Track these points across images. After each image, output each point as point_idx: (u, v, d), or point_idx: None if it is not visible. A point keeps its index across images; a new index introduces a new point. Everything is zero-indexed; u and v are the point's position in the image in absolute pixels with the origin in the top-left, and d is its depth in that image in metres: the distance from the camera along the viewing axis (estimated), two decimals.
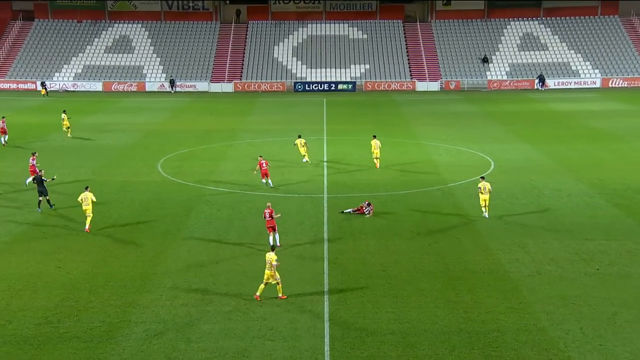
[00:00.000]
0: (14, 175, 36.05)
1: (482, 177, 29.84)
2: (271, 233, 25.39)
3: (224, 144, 45.72)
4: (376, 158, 38.17)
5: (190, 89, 77.32)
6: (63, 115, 50.41)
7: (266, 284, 21.10)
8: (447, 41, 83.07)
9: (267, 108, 64.62)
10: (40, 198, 29.82)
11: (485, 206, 28.86)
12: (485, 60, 79.89)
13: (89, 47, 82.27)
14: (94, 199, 27.55)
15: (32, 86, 75.84)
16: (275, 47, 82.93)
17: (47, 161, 39.17)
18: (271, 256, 21.11)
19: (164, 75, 79.46)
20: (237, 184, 34.57)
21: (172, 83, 76.84)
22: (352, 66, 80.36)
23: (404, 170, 37.75)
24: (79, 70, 79.32)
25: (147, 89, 77.08)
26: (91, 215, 27.31)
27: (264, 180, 33.66)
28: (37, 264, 23.60)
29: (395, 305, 20.77)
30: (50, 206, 30.06)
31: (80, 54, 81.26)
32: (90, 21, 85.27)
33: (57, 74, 78.62)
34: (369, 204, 29.47)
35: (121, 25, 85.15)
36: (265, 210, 25.56)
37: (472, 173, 36.39)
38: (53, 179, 31.78)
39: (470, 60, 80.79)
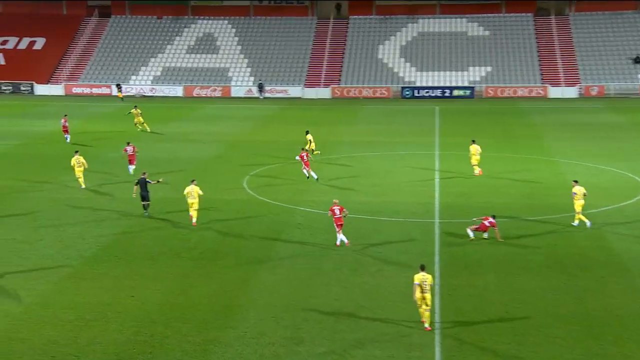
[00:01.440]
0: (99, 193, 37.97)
1: (576, 181, 30.29)
2: (339, 231, 28.21)
3: (319, 158, 46.26)
4: (475, 165, 39.08)
5: (281, 95, 78.94)
6: (134, 110, 53.90)
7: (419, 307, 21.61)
8: (589, 38, 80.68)
9: (369, 117, 64.89)
10: (143, 202, 32.88)
11: (579, 212, 29.22)
12: (637, 60, 76.88)
13: (169, 46, 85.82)
14: (201, 192, 31.67)
15: (107, 90, 79.87)
16: (380, 47, 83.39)
17: (123, 174, 41.06)
18: (425, 276, 21.59)
19: (251, 78, 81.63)
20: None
21: (261, 88, 78.73)
22: (471, 69, 79.50)
23: (533, 193, 36.91)
24: (158, 73, 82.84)
25: (232, 94, 79.37)
26: (197, 209, 31.29)
27: (305, 171, 38.71)
28: (109, 292, 24.65)
29: (521, 356, 20.21)
30: (146, 210, 32.95)
31: (160, 55, 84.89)
32: (171, 17, 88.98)
33: (133, 77, 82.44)
34: (493, 217, 29.18)
35: (205, 22, 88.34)
36: (334, 207, 28.48)
37: (617, 197, 35.06)
38: (159, 182, 33.93)
39: (617, 60, 77.99)
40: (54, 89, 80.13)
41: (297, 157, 40.07)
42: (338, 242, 28.87)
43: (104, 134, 55.26)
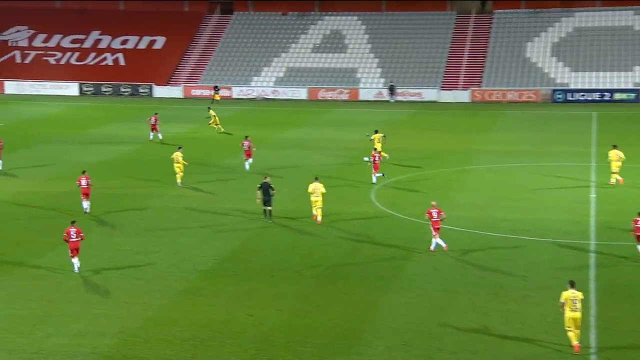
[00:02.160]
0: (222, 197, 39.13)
1: None
2: (437, 235, 29.77)
3: (456, 169, 45.66)
4: (614, 172, 39.18)
5: (415, 98, 78.59)
6: (210, 112, 58.40)
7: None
8: None
9: (515, 124, 63.52)
10: (265, 208, 34.20)
11: None
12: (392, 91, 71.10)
13: (293, 45, 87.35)
14: (324, 190, 33.91)
15: (227, 93, 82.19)
16: (529, 44, 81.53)
17: (236, 184, 42.06)
18: (574, 294, 21.34)
19: (382, 80, 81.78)
20: (471, 221, 34.30)
21: (392, 90, 78.70)
22: (637, 68, 76.24)
23: None
24: (281, 74, 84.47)
25: (360, 97, 79.77)
26: (321, 207, 33.68)
27: (377, 175, 41.14)
28: (225, 310, 25.22)
29: None
30: (267, 217, 34.46)
31: (283, 54, 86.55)
32: (296, 14, 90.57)
33: (255, 78, 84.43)
34: None
35: (333, 18, 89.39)
36: (432, 210, 30.07)
37: None
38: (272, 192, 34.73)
39: None
40: (173, 91, 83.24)
41: (366, 159, 42.65)
42: (433, 247, 30.14)
43: (222, 138, 56.81)
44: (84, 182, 36.02)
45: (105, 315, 24.49)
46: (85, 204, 36.02)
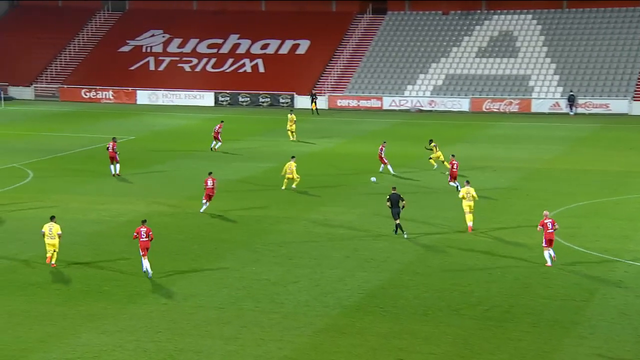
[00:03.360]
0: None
1: None
2: (549, 248, 32.07)
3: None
4: None
5: (600, 110, 76.69)
6: (290, 115, 63.20)
7: None
8: None
9: None
10: (397, 221, 36.33)
11: None
12: None
13: (454, 49, 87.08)
14: (476, 196, 37.47)
15: (377, 103, 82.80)
16: None
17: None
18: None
19: (559, 89, 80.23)
20: None
21: (572, 101, 77.05)
22: None
23: None
24: (439, 82, 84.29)
25: (532, 110, 78.57)
26: (472, 212, 37.18)
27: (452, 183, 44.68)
28: (373, 352, 25.19)
29: None
30: (400, 231, 36.57)
31: (443, 59, 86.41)
32: (459, 13, 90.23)
33: (409, 87, 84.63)
34: None
35: (503, 16, 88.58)
36: (546, 221, 32.14)
37: None
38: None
39: None
40: (318, 101, 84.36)
41: (374, 179, 45.98)
42: (549, 262, 32.40)
43: (369, 156, 57.19)
44: (210, 182, 41.06)
45: (239, 353, 25.01)
46: (204, 205, 40.78)
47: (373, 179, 46.33)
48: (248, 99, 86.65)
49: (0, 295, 29.87)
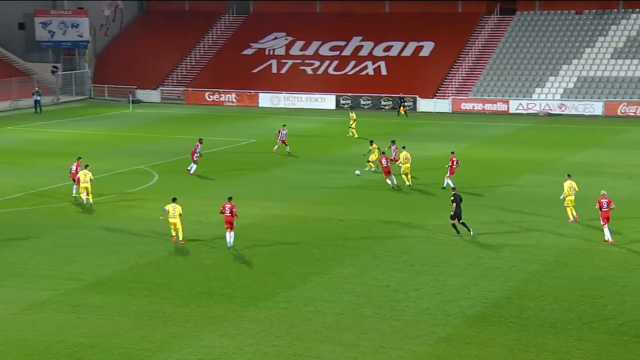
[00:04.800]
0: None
1: None
2: (606, 225, 34.86)
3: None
4: None
5: None
6: (351, 113, 66.22)
7: None
8: None
9: None
10: (454, 222, 37.38)
11: None
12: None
13: (588, 50, 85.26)
14: (577, 189, 38.59)
15: (503, 107, 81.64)
16: None
17: (513, 217, 41.56)
18: None
19: None
20: None
21: None
22: None
23: None
24: (571, 85, 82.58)
25: None
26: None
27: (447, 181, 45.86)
28: None
29: None
30: (467, 230, 37.45)
31: (575, 61, 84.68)
32: (594, 12, 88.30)
33: (538, 90, 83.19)
34: None
35: None
36: (603, 200, 35.46)
37: None
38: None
39: None
40: (440, 105, 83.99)
41: (358, 172, 48.99)
42: (607, 237, 35.68)
43: (496, 162, 56.47)
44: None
45: None
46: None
47: (357, 172, 49.13)
48: (369, 102, 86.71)
49: (128, 295, 30.78)
